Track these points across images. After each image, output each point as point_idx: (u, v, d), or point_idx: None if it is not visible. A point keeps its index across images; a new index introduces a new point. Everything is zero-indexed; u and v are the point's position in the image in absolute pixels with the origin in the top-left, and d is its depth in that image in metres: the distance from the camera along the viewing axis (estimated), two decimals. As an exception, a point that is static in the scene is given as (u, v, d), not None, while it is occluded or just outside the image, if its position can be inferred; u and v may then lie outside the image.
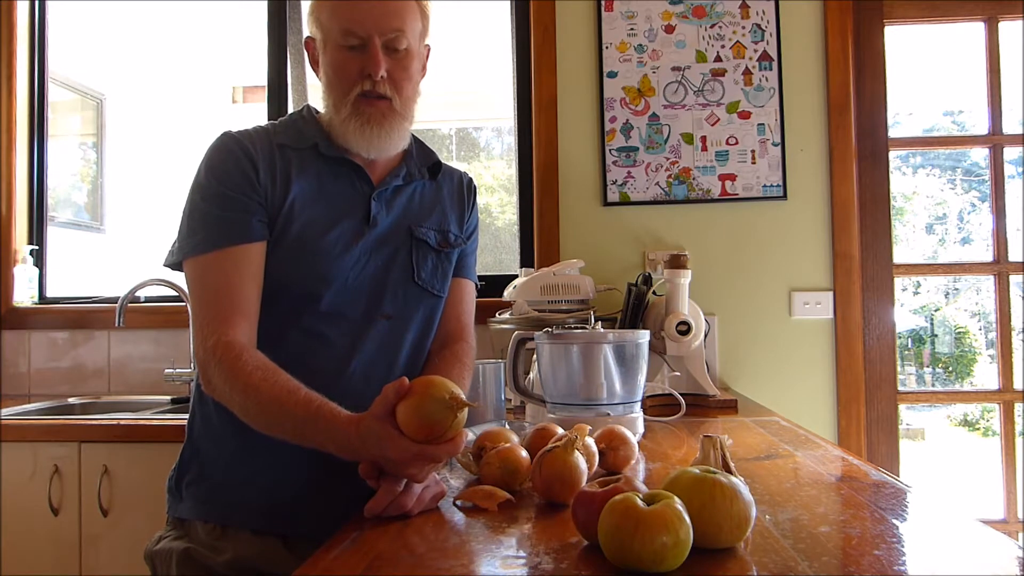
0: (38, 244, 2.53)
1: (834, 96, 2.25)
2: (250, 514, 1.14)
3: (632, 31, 2.28)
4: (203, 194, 1.15)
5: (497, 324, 1.87)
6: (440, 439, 0.88)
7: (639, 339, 1.28)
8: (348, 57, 1.15)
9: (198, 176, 1.17)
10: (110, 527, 1.82)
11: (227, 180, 1.14)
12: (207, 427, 1.19)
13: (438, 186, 1.33)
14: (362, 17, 1.13)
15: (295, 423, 0.99)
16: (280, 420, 1.00)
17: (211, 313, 1.09)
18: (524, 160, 2.39)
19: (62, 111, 3.23)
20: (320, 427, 0.96)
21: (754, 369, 2.24)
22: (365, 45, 1.14)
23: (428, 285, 1.25)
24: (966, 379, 4.65)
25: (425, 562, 0.74)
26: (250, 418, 1.05)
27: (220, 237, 1.11)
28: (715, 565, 0.70)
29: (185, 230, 1.15)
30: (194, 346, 1.12)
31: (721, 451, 0.86)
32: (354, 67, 1.15)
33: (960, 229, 4.47)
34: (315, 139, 1.20)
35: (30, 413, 2.15)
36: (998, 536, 0.77)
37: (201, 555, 1.13)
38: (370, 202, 1.21)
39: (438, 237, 1.28)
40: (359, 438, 0.91)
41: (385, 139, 1.18)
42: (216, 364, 1.05)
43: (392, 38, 1.15)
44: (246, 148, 1.16)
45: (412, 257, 1.24)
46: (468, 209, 1.37)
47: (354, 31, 1.14)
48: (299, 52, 2.52)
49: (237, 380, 1.03)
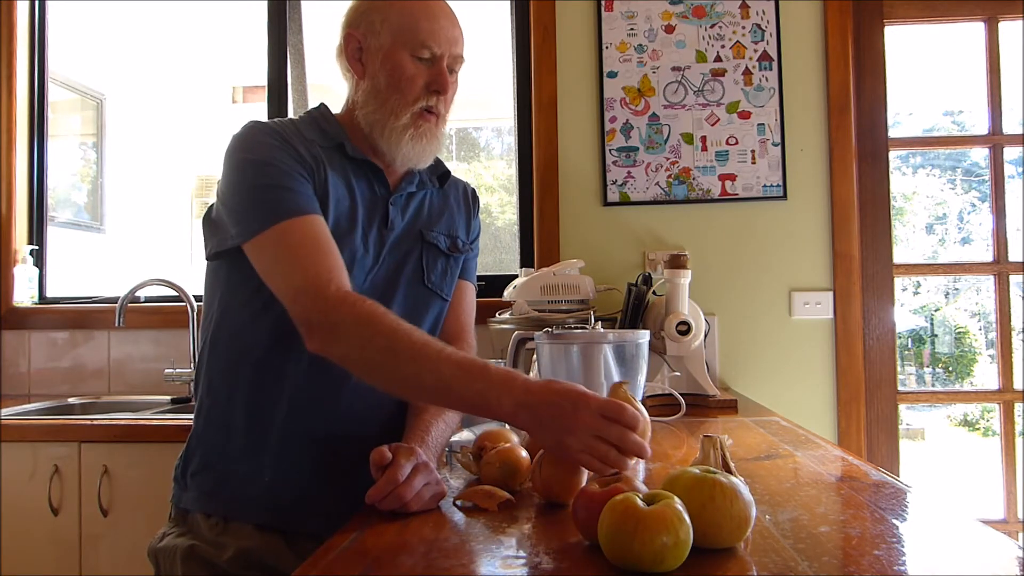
0: (38, 244, 2.53)
1: (834, 96, 2.25)
2: (254, 509, 1.14)
3: (632, 31, 2.28)
4: (255, 172, 1.11)
5: (497, 324, 1.87)
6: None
7: (639, 339, 1.28)
8: (418, 68, 1.18)
9: (239, 159, 1.14)
10: (110, 527, 1.82)
11: (276, 157, 1.12)
12: (216, 419, 1.19)
13: (445, 194, 1.36)
14: (440, 35, 1.18)
15: (454, 365, 0.94)
16: (434, 362, 0.95)
17: (322, 264, 1.04)
18: (524, 160, 2.39)
19: (62, 111, 3.24)
20: (483, 371, 0.92)
21: (754, 369, 2.24)
22: (434, 61, 1.18)
23: (437, 288, 1.28)
24: (966, 379, 4.65)
25: (425, 562, 0.74)
26: (389, 368, 0.99)
27: (293, 207, 1.08)
28: (715, 565, 0.70)
29: (243, 209, 1.11)
30: (302, 297, 1.04)
31: (721, 451, 0.86)
32: (422, 79, 1.18)
33: (960, 229, 4.48)
34: (340, 138, 1.21)
35: (30, 413, 2.15)
36: (998, 536, 0.77)
37: (205, 552, 1.13)
38: (388, 206, 1.23)
39: (448, 242, 1.31)
40: (545, 390, 0.89)
41: (430, 153, 1.23)
42: (349, 310, 1.00)
43: (454, 60, 1.21)
44: (282, 134, 1.16)
45: (423, 260, 1.26)
46: (473, 216, 1.40)
47: (431, 46, 1.17)
48: (299, 52, 2.51)
49: (379, 329, 0.99)
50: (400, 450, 0.94)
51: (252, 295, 1.15)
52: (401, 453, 0.93)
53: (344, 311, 1.01)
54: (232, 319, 1.19)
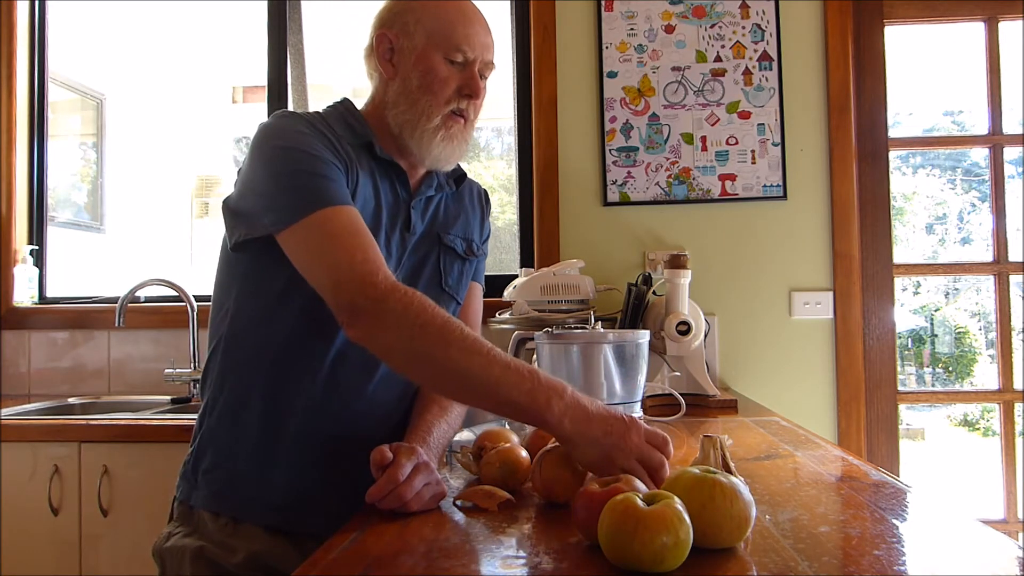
0: (38, 244, 2.53)
1: (834, 96, 2.25)
2: (265, 510, 1.13)
3: (632, 31, 2.28)
4: (291, 160, 1.08)
5: (497, 324, 1.87)
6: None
7: (639, 339, 1.28)
8: (451, 71, 1.18)
9: (272, 148, 1.11)
10: (110, 527, 1.82)
11: (313, 146, 1.10)
12: (229, 417, 1.17)
13: (459, 196, 1.35)
14: (475, 40, 1.18)
15: (504, 365, 0.93)
16: (486, 359, 0.94)
17: (361, 252, 1.02)
18: (524, 160, 2.39)
19: (62, 111, 3.24)
20: (533, 374, 0.93)
21: (754, 369, 2.24)
22: (466, 65, 1.19)
23: (454, 291, 1.28)
24: (966, 379, 4.65)
25: (425, 562, 0.74)
26: (440, 353, 0.96)
27: (332, 196, 1.06)
28: (715, 565, 0.70)
29: (279, 196, 1.07)
30: (342, 282, 1.00)
31: (721, 451, 0.86)
32: (455, 82, 1.18)
33: (960, 229, 4.47)
34: (369, 137, 1.20)
35: (30, 413, 2.15)
36: (998, 536, 0.77)
37: (215, 554, 1.11)
38: (410, 209, 1.23)
39: (464, 245, 1.31)
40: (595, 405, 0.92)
41: (457, 156, 1.23)
42: (399, 299, 0.98)
43: (486, 66, 1.22)
44: (315, 126, 1.14)
45: (440, 264, 1.26)
46: (485, 219, 1.41)
47: (465, 50, 1.18)
48: (299, 52, 2.51)
49: (430, 319, 0.97)
50: (401, 450, 0.94)
51: (272, 289, 1.13)
52: (402, 453, 0.93)
53: (396, 299, 0.98)
54: (250, 315, 1.16)
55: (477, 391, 0.97)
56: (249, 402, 1.15)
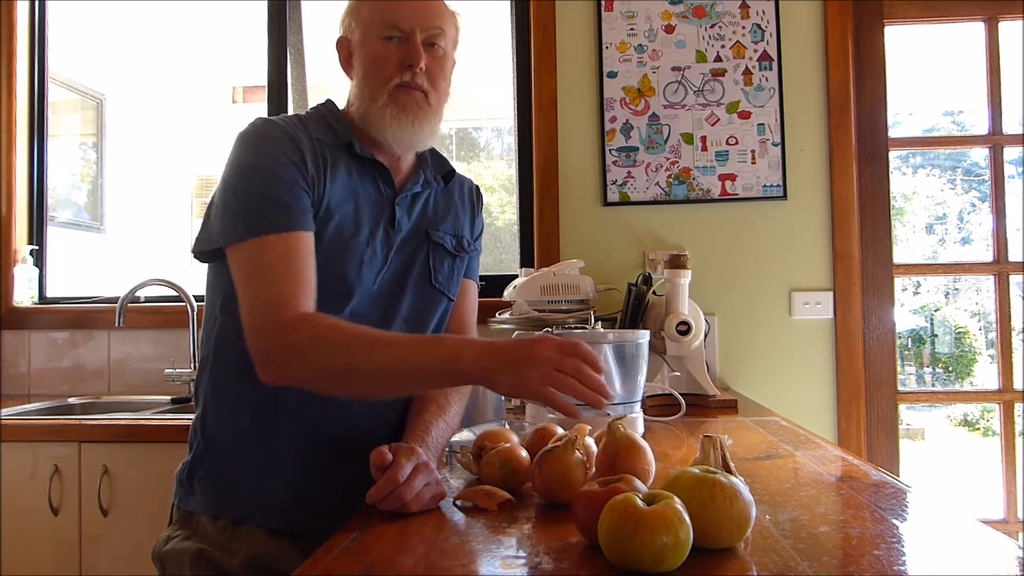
0: (38, 244, 2.53)
1: (834, 96, 2.25)
2: (264, 513, 1.13)
3: (632, 31, 2.28)
4: (251, 177, 1.10)
5: (497, 324, 1.87)
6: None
7: (639, 339, 1.28)
8: (389, 49, 1.17)
9: (241, 160, 1.13)
10: (110, 527, 1.82)
11: (278, 164, 1.10)
12: (223, 422, 1.17)
13: (449, 193, 1.34)
14: (407, 12, 1.17)
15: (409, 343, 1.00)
16: (390, 347, 0.99)
17: (278, 290, 1.04)
18: (524, 160, 2.39)
19: (62, 111, 3.24)
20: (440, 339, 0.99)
21: (754, 369, 2.24)
22: (407, 38, 1.17)
23: (444, 288, 1.27)
24: (966, 379, 4.65)
25: (425, 562, 0.74)
26: (349, 360, 1.00)
27: (278, 222, 1.07)
28: (715, 565, 0.70)
29: (232, 213, 1.10)
30: (263, 321, 1.04)
31: (721, 451, 0.86)
32: (394, 58, 1.17)
33: (960, 229, 4.48)
34: (349, 137, 1.20)
35: (30, 413, 2.15)
36: (998, 536, 0.77)
37: (215, 556, 1.11)
38: (394, 207, 1.22)
39: (454, 241, 1.30)
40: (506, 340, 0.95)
41: (418, 131, 1.20)
42: (306, 329, 1.01)
43: (433, 34, 1.19)
44: (291, 135, 1.14)
45: (430, 260, 1.25)
46: (476, 215, 1.39)
47: (397, 24, 1.17)
48: (299, 52, 2.51)
49: (336, 338, 1.00)
50: (400, 450, 0.94)
51: None
52: (401, 453, 0.93)
53: (300, 331, 1.02)
54: (237, 322, 1.14)
55: (398, 379, 1.01)
56: (241, 408, 1.15)
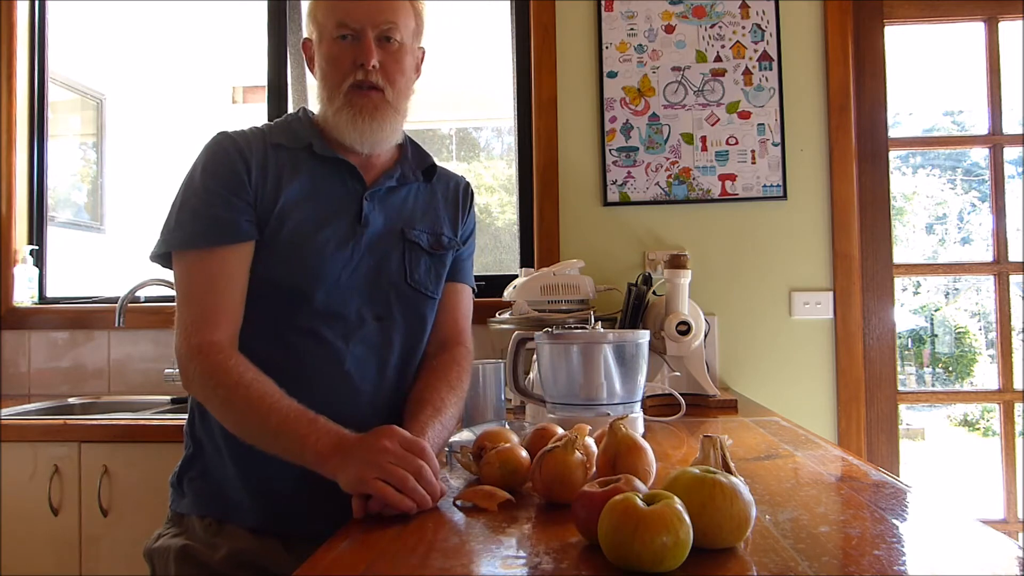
0: (38, 244, 2.53)
1: (834, 96, 2.25)
2: (248, 512, 1.15)
3: (632, 31, 2.28)
4: (194, 190, 1.17)
5: (497, 324, 1.87)
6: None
7: (639, 339, 1.28)
8: (342, 49, 1.18)
9: (192, 172, 1.19)
10: (110, 527, 1.82)
11: (219, 178, 1.15)
12: (208, 424, 1.19)
13: (432, 189, 1.33)
14: (356, 11, 1.17)
15: (283, 414, 1.03)
16: (265, 413, 1.03)
17: (196, 312, 1.12)
18: (524, 160, 2.39)
19: (62, 111, 3.23)
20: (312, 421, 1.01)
21: (754, 369, 2.24)
22: (358, 37, 1.17)
23: (422, 287, 1.26)
24: (966, 379, 4.65)
25: (425, 562, 0.74)
26: (227, 419, 1.09)
27: (209, 236, 1.13)
28: (715, 565, 0.70)
29: (173, 223, 1.17)
30: (177, 341, 1.13)
31: (721, 451, 0.86)
32: (347, 58, 1.17)
33: (960, 229, 4.48)
34: (309, 139, 1.21)
35: (30, 413, 2.15)
36: (998, 536, 0.77)
37: (198, 551, 1.13)
38: (362, 201, 1.21)
39: (431, 239, 1.28)
40: (346, 440, 0.97)
41: (377, 131, 1.20)
42: (199, 363, 1.08)
43: (385, 30, 1.18)
44: (240, 147, 1.17)
45: (405, 259, 1.24)
46: (464, 213, 1.37)
47: (347, 23, 1.17)
48: (299, 52, 2.51)
49: (220, 381, 1.06)
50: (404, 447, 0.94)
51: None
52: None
53: (194, 364, 1.09)
54: None
55: (262, 442, 1.06)
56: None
